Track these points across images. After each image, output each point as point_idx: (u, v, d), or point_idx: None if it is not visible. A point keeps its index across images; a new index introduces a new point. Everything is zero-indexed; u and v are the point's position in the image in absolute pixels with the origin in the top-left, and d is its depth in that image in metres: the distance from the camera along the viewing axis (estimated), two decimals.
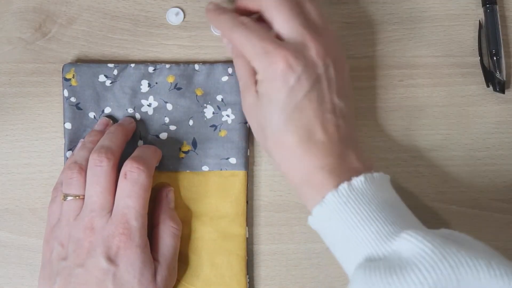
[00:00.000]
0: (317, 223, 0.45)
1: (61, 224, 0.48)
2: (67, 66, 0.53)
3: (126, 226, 0.46)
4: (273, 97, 0.46)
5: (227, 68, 0.53)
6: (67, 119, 0.53)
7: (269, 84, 0.46)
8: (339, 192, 0.43)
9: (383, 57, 0.55)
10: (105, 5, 0.55)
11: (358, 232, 0.42)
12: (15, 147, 0.54)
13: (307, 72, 0.45)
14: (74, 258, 0.46)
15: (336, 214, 0.43)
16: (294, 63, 0.45)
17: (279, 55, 0.45)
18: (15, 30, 0.54)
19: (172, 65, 0.53)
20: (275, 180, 0.54)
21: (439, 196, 0.54)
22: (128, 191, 0.47)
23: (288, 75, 0.45)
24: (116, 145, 0.49)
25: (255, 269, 0.53)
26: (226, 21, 0.48)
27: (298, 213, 0.53)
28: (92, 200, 0.47)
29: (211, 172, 0.52)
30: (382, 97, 0.55)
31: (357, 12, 0.55)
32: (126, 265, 0.46)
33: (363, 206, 0.43)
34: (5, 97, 0.54)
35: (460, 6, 0.56)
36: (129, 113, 0.53)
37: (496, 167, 0.54)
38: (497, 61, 0.54)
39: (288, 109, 0.45)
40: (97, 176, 0.47)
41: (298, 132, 0.45)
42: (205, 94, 0.53)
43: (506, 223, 0.54)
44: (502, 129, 0.54)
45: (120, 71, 0.53)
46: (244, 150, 0.53)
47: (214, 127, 0.53)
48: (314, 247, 0.53)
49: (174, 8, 0.55)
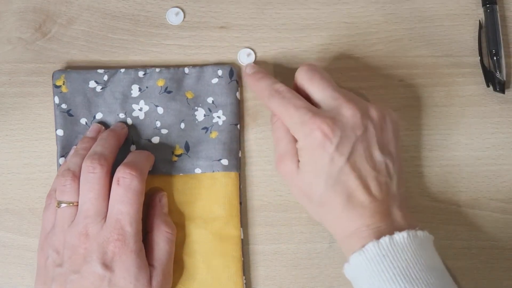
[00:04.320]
0: (353, 271, 0.45)
1: (56, 231, 0.48)
2: (57, 73, 0.53)
3: (120, 232, 0.46)
4: (315, 165, 0.47)
5: (217, 70, 0.53)
6: (58, 126, 0.53)
7: (310, 152, 0.47)
8: (379, 244, 0.43)
9: (383, 57, 0.55)
10: (105, 5, 0.55)
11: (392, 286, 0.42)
12: (15, 147, 0.54)
13: (345, 138, 0.46)
14: (69, 264, 0.46)
15: (373, 264, 0.43)
16: (330, 132, 0.46)
17: (314, 124, 0.46)
18: (15, 30, 0.55)
19: (162, 68, 0.53)
20: (275, 180, 0.54)
21: (439, 196, 0.54)
22: (122, 197, 0.47)
23: (327, 145, 0.46)
24: (108, 151, 0.49)
25: (255, 269, 0.53)
26: (263, 89, 0.50)
27: (298, 213, 0.53)
28: (86, 207, 0.47)
29: (203, 175, 0.52)
30: (382, 97, 0.55)
31: (357, 12, 0.55)
32: (121, 271, 0.46)
33: (401, 262, 0.43)
34: (5, 97, 0.54)
35: (460, 6, 0.56)
36: (121, 118, 0.53)
37: (496, 167, 0.54)
38: (497, 61, 0.54)
39: (332, 177, 0.46)
40: (90, 183, 0.47)
41: (342, 196, 0.46)
42: (195, 97, 0.53)
43: (506, 223, 0.54)
44: (502, 129, 0.54)
45: (110, 77, 0.53)
46: (235, 152, 0.53)
47: (205, 129, 0.53)
48: (314, 247, 0.53)
49: (174, 8, 0.55)
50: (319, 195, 0.47)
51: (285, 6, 0.55)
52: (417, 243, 0.44)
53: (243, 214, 0.53)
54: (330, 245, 0.53)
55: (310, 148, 0.47)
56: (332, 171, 0.46)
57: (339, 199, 0.46)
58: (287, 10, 0.55)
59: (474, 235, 0.54)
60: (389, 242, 0.43)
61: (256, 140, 0.54)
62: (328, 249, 0.53)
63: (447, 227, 0.53)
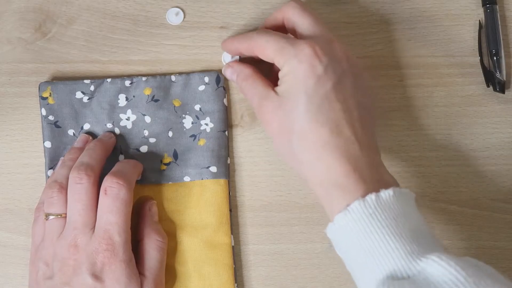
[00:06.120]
0: (336, 231, 0.43)
1: (45, 244, 0.48)
2: (43, 85, 0.53)
3: (109, 242, 0.46)
4: (300, 87, 0.44)
5: (204, 77, 0.53)
6: (46, 137, 0.53)
7: (295, 74, 0.45)
8: (365, 203, 0.41)
9: (383, 57, 0.55)
10: (105, 5, 0.55)
11: (381, 247, 0.40)
12: (15, 147, 0.54)
13: (334, 65, 0.45)
14: (60, 276, 0.46)
15: (360, 225, 0.41)
16: (320, 53, 0.45)
17: (305, 43, 0.45)
18: (15, 30, 0.55)
19: (149, 77, 0.53)
20: (275, 180, 0.54)
21: (439, 196, 0.54)
22: (110, 207, 0.47)
23: (315, 64, 0.44)
24: (95, 161, 0.49)
25: (255, 269, 0.53)
26: (246, 34, 0.50)
27: (298, 213, 0.53)
28: (74, 218, 0.47)
29: (193, 182, 0.52)
30: (382, 97, 0.55)
31: (357, 12, 0.55)
32: (111, 281, 0.46)
33: (389, 220, 0.41)
34: (5, 97, 0.54)
35: (460, 6, 0.56)
36: (108, 128, 0.53)
37: (496, 167, 0.54)
38: (497, 61, 0.54)
39: (317, 99, 0.44)
40: (78, 194, 0.47)
41: (328, 125, 0.43)
42: (183, 105, 0.53)
43: (506, 223, 0.54)
44: (502, 129, 0.54)
45: (96, 87, 0.53)
46: (224, 159, 0.53)
47: (193, 136, 0.53)
48: (314, 247, 0.53)
49: (174, 8, 0.55)
50: (300, 126, 0.44)
51: None
52: (403, 200, 0.42)
53: (243, 214, 0.53)
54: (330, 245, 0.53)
55: (297, 68, 0.45)
56: (316, 95, 0.44)
57: (322, 130, 0.43)
58: None
59: (474, 235, 0.54)
60: (376, 201, 0.41)
61: (256, 140, 0.54)
62: (328, 249, 0.53)
63: (447, 227, 0.53)
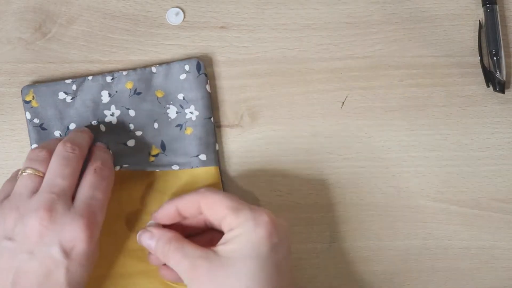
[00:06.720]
0: None
1: (12, 199, 0.44)
2: (25, 88, 0.53)
3: (91, 217, 0.44)
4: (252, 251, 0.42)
5: (184, 65, 0.53)
6: (33, 141, 0.52)
7: (249, 237, 0.42)
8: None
9: (383, 57, 0.55)
10: (105, 5, 0.55)
11: None
12: (15, 147, 0.54)
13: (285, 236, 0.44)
14: (22, 241, 0.42)
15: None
16: (276, 223, 0.43)
17: (263, 210, 0.44)
18: (15, 30, 0.55)
19: (130, 71, 0.53)
20: (275, 180, 0.54)
21: (439, 196, 0.54)
22: (97, 184, 0.46)
23: (273, 232, 0.43)
24: (85, 144, 0.48)
25: None
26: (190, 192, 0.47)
27: (298, 213, 0.53)
28: (56, 182, 0.44)
29: (183, 171, 0.52)
30: (382, 97, 0.55)
31: (357, 12, 0.55)
32: (81, 259, 0.43)
33: None
34: (5, 97, 0.54)
35: (460, 6, 0.56)
36: (94, 125, 0.53)
37: (496, 167, 0.54)
38: (497, 61, 0.54)
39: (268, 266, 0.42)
40: (68, 160, 0.45)
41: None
42: (166, 95, 0.53)
43: (506, 223, 0.54)
44: (502, 129, 0.54)
45: (78, 86, 0.53)
46: (212, 146, 0.53)
47: (179, 126, 0.53)
48: (314, 247, 0.53)
49: (174, 8, 0.55)
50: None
51: (285, 6, 0.55)
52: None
53: None
54: (330, 245, 0.53)
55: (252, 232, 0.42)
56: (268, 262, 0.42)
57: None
58: (287, 10, 0.55)
59: (474, 235, 0.54)
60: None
61: (256, 140, 0.54)
62: (328, 249, 0.53)
63: (447, 227, 0.53)
